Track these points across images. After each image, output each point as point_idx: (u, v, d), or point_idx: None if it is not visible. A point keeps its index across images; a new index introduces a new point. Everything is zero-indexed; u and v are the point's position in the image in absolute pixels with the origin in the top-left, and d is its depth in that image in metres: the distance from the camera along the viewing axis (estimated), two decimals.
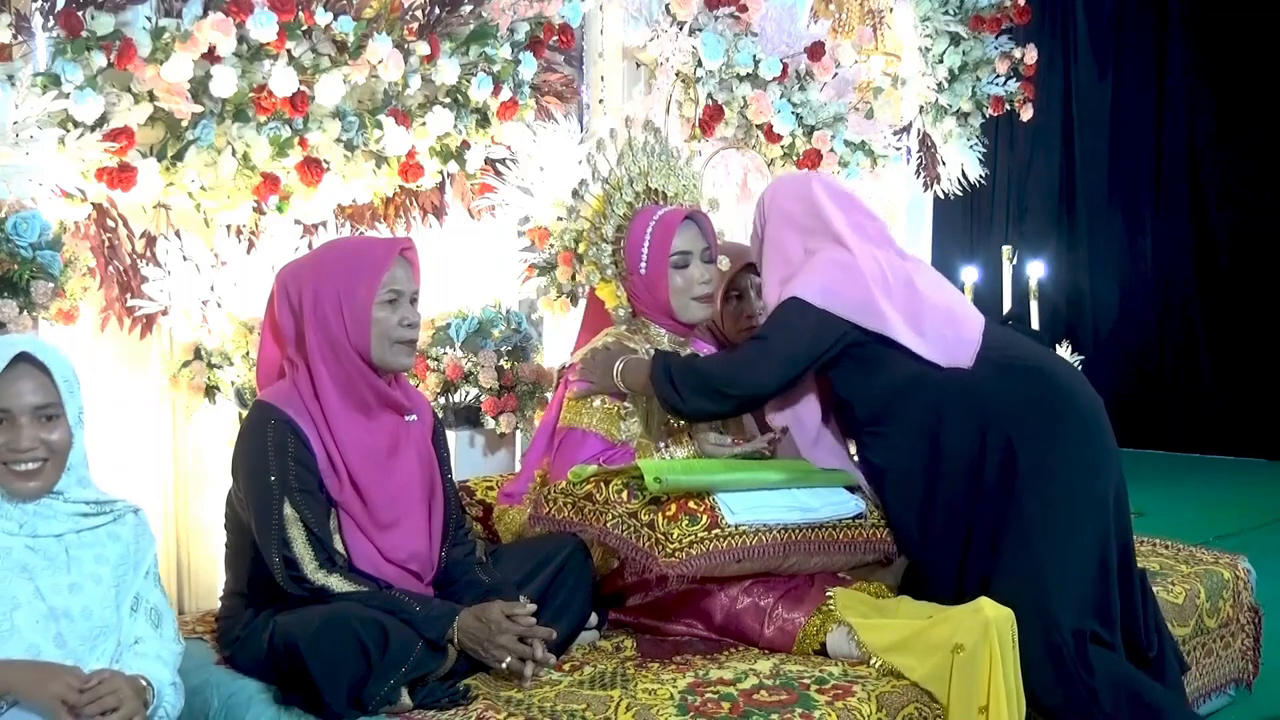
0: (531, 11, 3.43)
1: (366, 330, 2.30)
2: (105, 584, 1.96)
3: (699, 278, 2.85)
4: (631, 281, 2.90)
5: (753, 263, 3.13)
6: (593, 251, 2.93)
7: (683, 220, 2.86)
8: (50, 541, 1.93)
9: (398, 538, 2.34)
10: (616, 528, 2.48)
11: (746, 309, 3.14)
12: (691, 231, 2.86)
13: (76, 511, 1.98)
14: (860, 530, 2.63)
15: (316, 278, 2.34)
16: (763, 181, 4.32)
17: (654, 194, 2.99)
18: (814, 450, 2.76)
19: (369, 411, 2.35)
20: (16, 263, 2.55)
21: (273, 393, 2.34)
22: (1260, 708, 3.22)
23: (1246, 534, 4.92)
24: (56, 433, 1.93)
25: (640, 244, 2.86)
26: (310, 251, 2.45)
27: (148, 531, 2.08)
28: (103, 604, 1.95)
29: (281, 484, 2.24)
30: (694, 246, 2.86)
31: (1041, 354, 2.81)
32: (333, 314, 2.30)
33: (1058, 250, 7.66)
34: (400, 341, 2.34)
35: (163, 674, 1.96)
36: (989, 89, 5.16)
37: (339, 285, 2.31)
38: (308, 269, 2.39)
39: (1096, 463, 2.58)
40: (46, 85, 2.66)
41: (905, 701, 2.24)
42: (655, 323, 2.92)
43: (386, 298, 2.33)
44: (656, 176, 2.98)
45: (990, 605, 2.28)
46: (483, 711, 2.12)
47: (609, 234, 2.92)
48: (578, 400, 2.80)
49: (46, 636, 1.87)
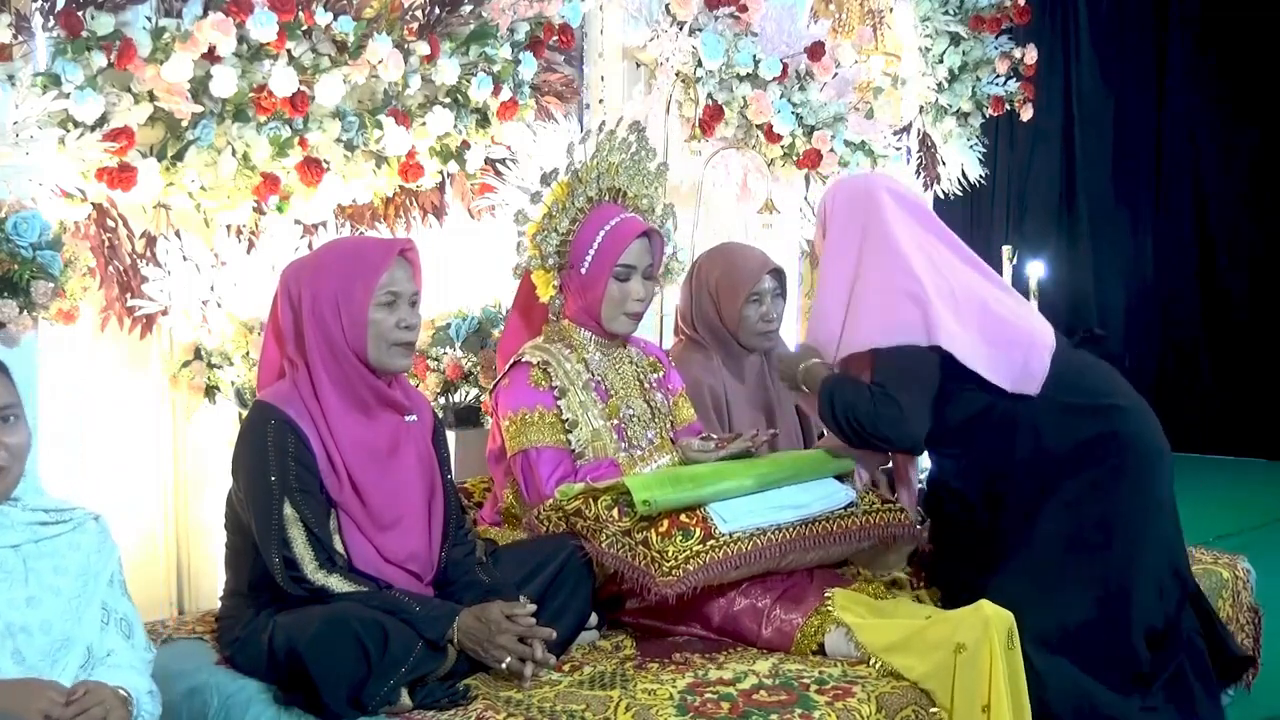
0: (531, 11, 3.43)
1: (363, 331, 2.30)
2: (65, 596, 1.88)
3: (636, 294, 2.86)
4: (569, 275, 2.88)
5: (776, 269, 3.16)
6: (539, 238, 2.90)
7: (638, 236, 2.85)
8: (7, 553, 1.85)
9: (397, 538, 2.34)
10: (612, 547, 2.48)
11: (765, 313, 3.16)
12: (641, 247, 2.86)
13: (34, 520, 1.89)
14: (854, 519, 2.64)
15: (315, 277, 2.34)
16: (763, 181, 4.32)
17: (614, 192, 2.97)
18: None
19: (368, 411, 2.35)
20: (16, 263, 2.55)
21: (272, 393, 2.34)
22: (1260, 708, 3.21)
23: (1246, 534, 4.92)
24: (17, 435, 1.84)
25: (589, 244, 2.85)
26: (313, 251, 2.44)
27: (109, 539, 1.99)
28: (63, 617, 1.87)
29: (282, 484, 2.24)
30: (640, 262, 2.86)
31: (1110, 388, 2.71)
32: (330, 314, 2.30)
33: (1058, 250, 7.66)
34: (397, 344, 2.34)
35: (140, 683, 1.91)
36: (989, 89, 5.16)
37: (337, 285, 2.31)
38: (308, 268, 2.39)
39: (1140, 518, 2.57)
40: (46, 85, 2.66)
41: (905, 702, 2.24)
42: (582, 326, 2.90)
43: (384, 299, 2.32)
44: (623, 175, 2.97)
45: (989, 605, 2.28)
46: (482, 711, 2.12)
47: (562, 225, 2.89)
48: (513, 421, 2.76)
49: (4, 653, 1.80)
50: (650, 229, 2.91)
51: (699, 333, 3.26)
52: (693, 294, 3.28)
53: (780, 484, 2.63)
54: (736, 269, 3.22)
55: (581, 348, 2.89)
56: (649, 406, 2.94)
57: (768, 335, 3.23)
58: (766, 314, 3.20)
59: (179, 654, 2.44)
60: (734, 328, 3.20)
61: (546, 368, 2.80)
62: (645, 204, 3.02)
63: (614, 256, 2.82)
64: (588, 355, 2.89)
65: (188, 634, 2.55)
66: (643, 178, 3.01)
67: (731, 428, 3.14)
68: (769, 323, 3.20)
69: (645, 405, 2.94)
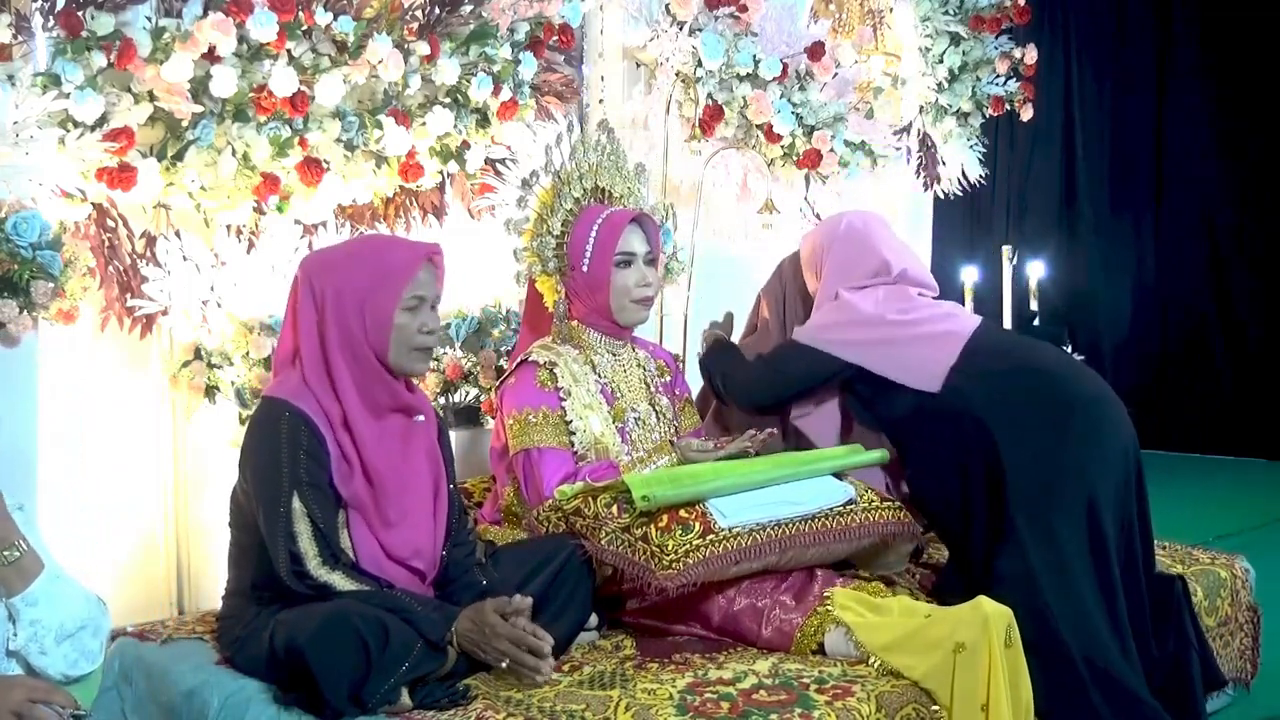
0: (531, 11, 3.44)
1: (386, 335, 2.29)
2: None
3: (640, 280, 2.86)
4: (572, 278, 2.88)
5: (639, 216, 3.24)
6: (536, 243, 2.91)
7: (630, 221, 2.86)
8: None
9: (404, 535, 2.34)
10: (611, 544, 2.48)
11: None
12: (637, 234, 2.87)
13: None
14: (853, 516, 2.64)
15: (341, 274, 2.32)
16: (763, 181, 4.33)
17: (602, 192, 2.98)
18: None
19: (381, 411, 2.35)
20: (16, 263, 2.55)
21: (284, 388, 2.32)
22: (1259, 708, 3.21)
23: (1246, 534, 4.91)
24: None
25: (585, 241, 2.85)
26: (339, 244, 2.43)
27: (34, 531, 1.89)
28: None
29: (292, 477, 2.23)
30: (638, 249, 2.86)
31: (1031, 354, 2.93)
32: (353, 314, 2.28)
33: (1058, 250, 7.64)
34: (418, 348, 2.34)
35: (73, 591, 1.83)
36: (989, 89, 5.16)
37: (362, 286, 2.29)
38: (333, 265, 2.36)
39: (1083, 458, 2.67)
40: (46, 85, 2.66)
41: (904, 701, 2.24)
42: (591, 326, 2.90)
43: (409, 304, 2.31)
44: (605, 175, 2.98)
45: (988, 603, 2.28)
46: (482, 711, 2.12)
47: (555, 227, 2.90)
48: (517, 420, 2.76)
49: None
50: (641, 214, 2.92)
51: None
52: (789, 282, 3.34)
53: (779, 481, 2.63)
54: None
55: (590, 349, 2.89)
56: (654, 410, 2.95)
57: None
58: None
59: (179, 654, 2.44)
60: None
61: (553, 368, 2.80)
62: (633, 201, 3.03)
63: (612, 246, 2.83)
64: (596, 357, 2.89)
65: (188, 634, 2.55)
66: (623, 175, 3.02)
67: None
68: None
69: (650, 409, 2.94)
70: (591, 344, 2.90)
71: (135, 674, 2.43)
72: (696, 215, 4.14)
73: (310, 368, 2.32)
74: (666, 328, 4.11)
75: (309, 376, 2.31)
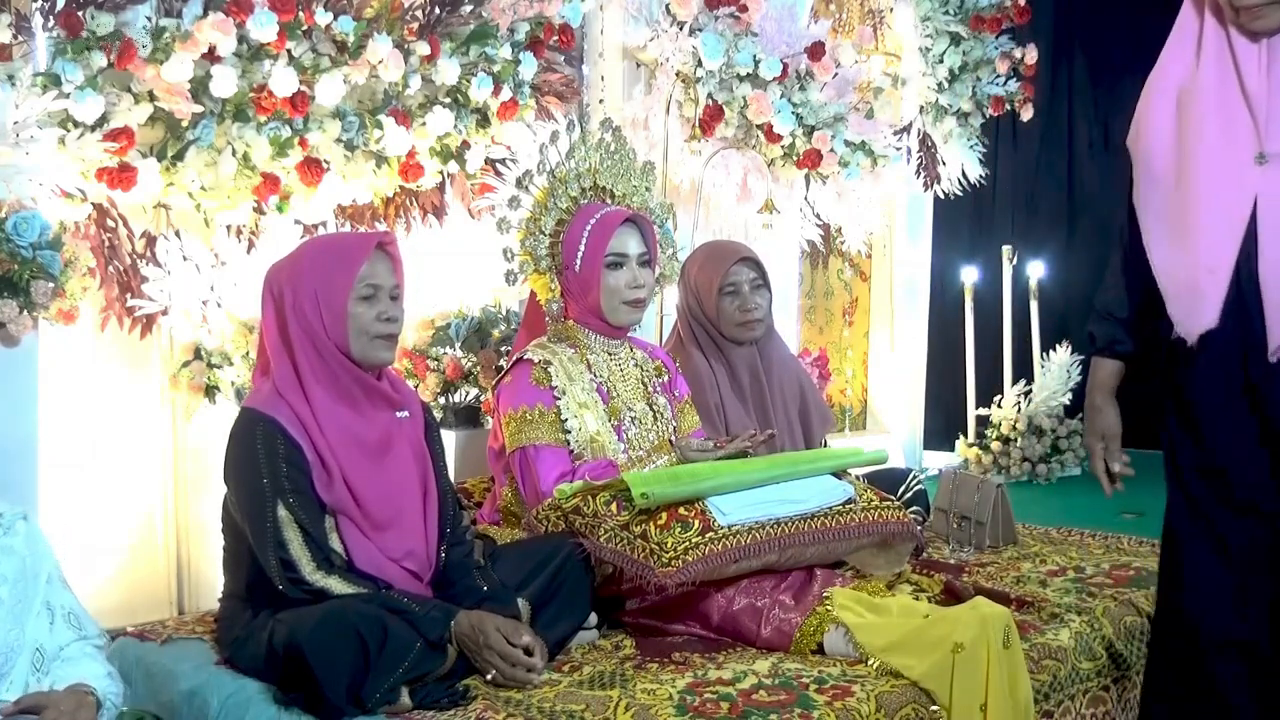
0: (531, 11, 3.44)
1: (344, 325, 2.30)
2: (5, 605, 1.82)
3: (632, 281, 2.86)
4: (565, 277, 2.89)
5: (746, 256, 3.19)
6: (530, 242, 2.91)
7: (623, 222, 2.86)
8: None
9: (394, 537, 2.34)
10: (610, 542, 2.48)
11: (742, 303, 3.18)
12: (631, 235, 2.87)
13: None
14: (851, 515, 2.64)
15: (295, 274, 2.35)
16: (763, 181, 4.33)
17: (601, 192, 2.98)
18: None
19: (356, 405, 2.35)
20: (16, 263, 2.55)
21: (257, 398, 2.34)
22: None
23: None
24: None
25: (578, 241, 2.86)
26: (294, 249, 2.46)
27: (40, 536, 1.94)
28: (5, 627, 1.82)
29: (274, 486, 2.24)
30: (631, 250, 2.86)
31: None
32: (310, 309, 2.30)
33: (1058, 250, 7.64)
34: (379, 336, 2.34)
35: (97, 670, 1.88)
36: (989, 89, 5.16)
37: (316, 280, 2.31)
38: (287, 266, 2.40)
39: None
40: (46, 85, 2.66)
41: (904, 701, 2.24)
42: (585, 326, 2.91)
43: (363, 293, 2.32)
44: (606, 175, 2.97)
45: (986, 603, 2.29)
46: (482, 711, 2.12)
47: (548, 226, 2.90)
48: (513, 418, 2.77)
49: None
50: (636, 215, 2.92)
51: (691, 329, 3.29)
52: (683, 291, 3.34)
53: (779, 480, 2.63)
54: (710, 261, 3.29)
55: (586, 348, 2.89)
56: (650, 409, 2.95)
57: (748, 326, 3.25)
58: (744, 305, 3.22)
59: (179, 654, 2.44)
60: (715, 320, 3.23)
61: (548, 367, 2.80)
62: (638, 201, 3.03)
63: (602, 247, 2.83)
64: (591, 356, 2.89)
65: (188, 634, 2.55)
66: (628, 176, 3.02)
67: (725, 422, 3.15)
68: (747, 313, 3.22)
69: (647, 408, 2.94)
70: (587, 343, 2.90)
71: (135, 674, 2.43)
72: (696, 215, 4.14)
73: (279, 371, 2.33)
74: (666, 328, 4.11)
75: (279, 382, 2.32)
